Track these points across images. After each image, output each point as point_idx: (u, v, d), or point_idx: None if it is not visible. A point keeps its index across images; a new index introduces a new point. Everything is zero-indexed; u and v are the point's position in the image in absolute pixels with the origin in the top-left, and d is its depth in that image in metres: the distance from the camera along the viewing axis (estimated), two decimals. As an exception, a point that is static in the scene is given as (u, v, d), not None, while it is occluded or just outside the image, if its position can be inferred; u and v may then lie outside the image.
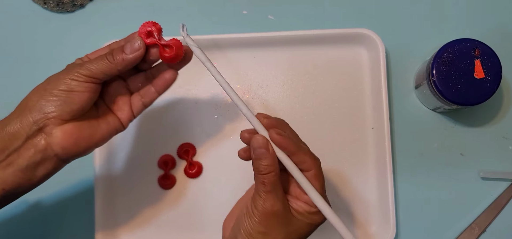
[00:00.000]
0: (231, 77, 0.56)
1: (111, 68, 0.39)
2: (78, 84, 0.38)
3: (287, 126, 0.40)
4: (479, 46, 0.48)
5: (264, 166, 0.37)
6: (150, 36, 0.40)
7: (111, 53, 0.39)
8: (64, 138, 0.38)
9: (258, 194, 0.37)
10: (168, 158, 0.55)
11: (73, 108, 0.38)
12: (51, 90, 0.38)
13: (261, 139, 0.37)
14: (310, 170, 0.38)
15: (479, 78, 0.48)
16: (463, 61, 0.48)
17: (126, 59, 0.39)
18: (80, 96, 0.38)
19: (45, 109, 0.37)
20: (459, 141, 0.55)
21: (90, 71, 0.39)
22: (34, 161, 0.38)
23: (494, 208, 0.54)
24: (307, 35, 0.55)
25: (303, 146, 0.39)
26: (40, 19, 0.59)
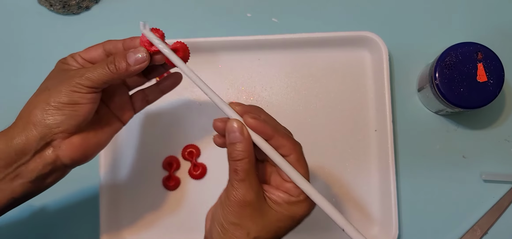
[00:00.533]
0: (235, 80, 0.57)
1: (113, 78, 0.38)
2: (81, 97, 0.37)
3: (262, 111, 0.37)
4: (481, 50, 0.49)
5: (238, 152, 0.35)
6: (153, 44, 0.39)
7: (112, 62, 0.38)
8: (73, 150, 0.38)
9: (230, 182, 0.36)
10: (172, 159, 0.55)
11: (78, 121, 0.38)
12: (54, 104, 0.37)
13: (235, 123, 0.35)
14: (290, 155, 0.35)
15: (482, 81, 0.48)
16: (466, 64, 0.49)
17: (129, 71, 0.38)
18: (84, 108, 0.38)
19: (50, 125, 0.37)
20: (461, 143, 0.55)
21: (91, 81, 0.38)
22: (43, 173, 0.38)
23: (496, 210, 0.54)
24: (311, 38, 0.55)
25: (281, 129, 0.36)
26: (46, 21, 0.59)
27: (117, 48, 0.41)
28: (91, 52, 0.41)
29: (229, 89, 0.57)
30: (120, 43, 0.41)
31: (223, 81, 0.57)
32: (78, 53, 0.41)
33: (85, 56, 0.41)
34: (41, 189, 0.40)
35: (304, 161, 0.36)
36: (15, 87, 0.58)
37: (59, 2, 0.58)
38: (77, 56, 0.41)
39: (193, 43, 0.56)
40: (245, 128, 0.35)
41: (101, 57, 0.41)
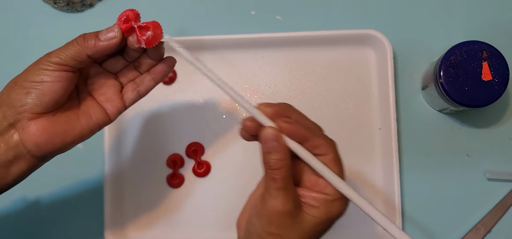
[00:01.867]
0: (239, 78, 0.57)
1: (81, 53, 0.36)
2: (48, 74, 0.36)
3: (292, 109, 0.36)
4: (486, 49, 0.49)
5: (275, 160, 0.33)
6: (127, 22, 0.37)
7: (82, 37, 0.37)
8: (37, 133, 0.36)
9: (268, 191, 0.34)
10: (176, 157, 0.55)
11: (44, 100, 0.36)
12: (21, 83, 0.36)
13: (271, 131, 0.33)
14: (326, 155, 0.34)
15: (487, 80, 0.48)
16: (471, 63, 0.49)
17: (98, 45, 0.37)
18: (51, 87, 0.36)
19: (14, 103, 0.35)
20: (465, 142, 0.55)
21: (59, 58, 0.36)
22: (6, 159, 0.36)
23: (499, 208, 0.54)
24: (315, 36, 0.55)
25: (315, 129, 0.35)
26: (50, 19, 0.59)
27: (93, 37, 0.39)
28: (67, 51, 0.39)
29: (233, 87, 0.56)
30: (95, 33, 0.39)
31: (227, 79, 0.56)
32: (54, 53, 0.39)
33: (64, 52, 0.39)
34: (7, 181, 0.37)
35: (340, 160, 0.35)
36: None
37: (63, 0, 0.58)
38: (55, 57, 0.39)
39: (197, 41, 0.56)
40: (281, 136, 0.34)
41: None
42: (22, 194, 0.56)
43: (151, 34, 0.37)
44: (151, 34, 0.37)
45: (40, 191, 0.56)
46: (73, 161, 0.55)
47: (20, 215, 0.56)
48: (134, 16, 0.38)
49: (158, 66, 0.41)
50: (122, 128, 0.56)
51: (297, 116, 0.35)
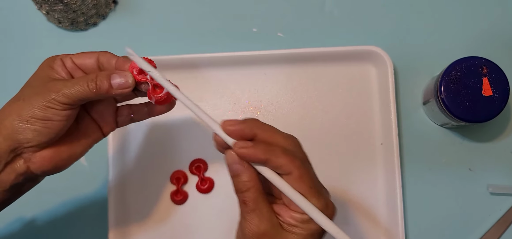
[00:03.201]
0: (241, 94, 0.57)
1: (91, 97, 0.36)
2: (55, 113, 0.35)
3: (258, 125, 0.34)
4: (486, 64, 0.49)
5: (243, 182, 0.33)
6: (142, 73, 0.37)
7: (94, 80, 0.36)
8: (43, 162, 0.37)
9: (242, 216, 0.34)
10: (180, 174, 0.55)
11: (50, 137, 0.36)
12: (26, 118, 0.35)
13: (233, 154, 0.33)
14: (290, 174, 0.33)
15: (487, 95, 0.49)
16: (471, 79, 0.49)
17: (110, 93, 0.36)
18: (58, 125, 0.36)
19: (20, 140, 0.35)
20: (467, 156, 0.55)
21: (67, 98, 0.35)
22: (17, 183, 0.37)
23: (503, 223, 0.54)
24: (317, 53, 0.56)
25: (275, 149, 0.33)
26: (55, 38, 0.60)
27: (110, 64, 0.38)
28: (83, 58, 0.39)
29: (235, 104, 0.57)
30: (114, 59, 0.38)
31: (229, 96, 0.57)
32: (70, 56, 0.39)
33: (76, 61, 0.39)
34: (21, 193, 0.39)
35: (307, 175, 0.33)
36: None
37: (67, 19, 0.58)
38: (68, 59, 0.39)
39: (199, 58, 0.56)
40: None
41: (93, 66, 0.39)
42: (24, 206, 0.56)
43: (164, 95, 0.38)
44: (165, 95, 0.38)
45: (43, 205, 0.56)
46: (77, 177, 0.56)
47: (22, 227, 0.56)
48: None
49: (157, 107, 0.41)
50: (126, 146, 0.56)
51: (262, 133, 0.34)
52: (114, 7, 0.61)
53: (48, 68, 0.38)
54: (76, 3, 0.57)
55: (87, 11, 0.58)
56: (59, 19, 0.58)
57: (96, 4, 0.58)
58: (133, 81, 0.37)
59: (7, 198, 0.38)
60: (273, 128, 0.35)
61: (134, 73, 0.37)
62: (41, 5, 0.57)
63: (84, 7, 0.58)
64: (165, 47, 0.59)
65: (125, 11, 0.61)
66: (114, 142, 0.55)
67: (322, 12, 0.59)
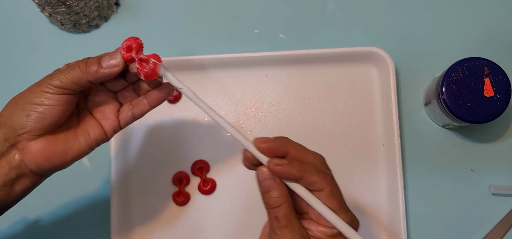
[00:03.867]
0: (243, 95, 0.57)
1: (82, 78, 0.37)
2: (49, 97, 0.36)
3: (289, 143, 0.35)
4: (488, 65, 0.49)
5: (274, 198, 0.34)
6: (129, 51, 0.38)
7: (84, 62, 0.37)
8: (37, 153, 0.36)
9: (273, 231, 0.34)
10: (182, 175, 0.55)
11: (44, 123, 0.36)
12: (22, 105, 0.36)
13: (265, 171, 0.34)
14: (322, 190, 0.34)
15: (489, 96, 0.49)
16: (473, 79, 0.49)
17: (99, 72, 0.37)
18: (52, 110, 0.36)
19: (15, 126, 0.36)
20: (469, 157, 0.55)
21: (60, 81, 0.36)
22: (10, 178, 0.36)
23: (505, 223, 0.54)
24: (318, 54, 0.56)
25: (308, 166, 0.34)
26: (57, 40, 0.60)
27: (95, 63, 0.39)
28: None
29: (237, 105, 0.57)
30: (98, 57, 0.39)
31: (231, 97, 0.57)
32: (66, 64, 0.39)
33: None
34: (12, 198, 0.38)
35: (337, 191, 0.35)
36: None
37: (70, 21, 0.59)
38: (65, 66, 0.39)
39: (201, 60, 0.57)
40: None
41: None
42: (27, 208, 0.56)
43: (150, 68, 0.38)
44: (151, 68, 0.38)
45: (46, 206, 0.56)
46: (80, 178, 0.56)
47: (25, 229, 0.56)
48: (137, 46, 0.38)
49: (154, 92, 0.41)
50: (128, 147, 0.56)
51: (294, 151, 0.35)
52: (116, 9, 0.61)
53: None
54: (79, 5, 0.57)
55: (90, 13, 0.58)
56: (62, 21, 0.59)
57: (98, 6, 0.59)
58: (122, 60, 0.37)
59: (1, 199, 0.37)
60: (303, 146, 0.36)
61: (122, 53, 0.37)
62: (43, 7, 0.57)
63: (86, 9, 0.58)
64: (166, 48, 0.59)
65: (127, 13, 0.61)
66: (116, 143, 0.55)
67: (324, 14, 0.59)
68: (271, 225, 0.34)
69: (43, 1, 0.56)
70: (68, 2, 0.56)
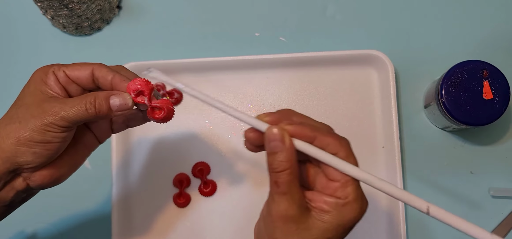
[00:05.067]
0: (244, 98, 0.58)
1: (91, 119, 0.36)
2: (54, 136, 0.35)
3: (294, 113, 0.34)
4: (487, 68, 0.50)
5: (279, 162, 0.32)
6: (140, 95, 0.37)
7: (93, 103, 0.35)
8: (43, 180, 0.36)
9: (271, 196, 0.33)
10: (183, 177, 0.56)
11: (49, 158, 0.36)
12: (24, 142, 0.34)
13: (276, 131, 0.32)
14: (338, 153, 0.32)
15: (488, 99, 0.49)
16: (472, 82, 0.49)
17: (109, 115, 0.36)
18: (55, 146, 0.35)
19: (20, 162, 0.35)
20: (469, 159, 0.56)
21: (66, 122, 0.35)
22: (17, 198, 0.37)
23: (504, 226, 0.54)
24: (318, 57, 0.56)
25: (321, 127, 0.33)
26: (60, 42, 0.61)
27: (106, 80, 0.37)
28: (77, 70, 0.37)
29: (238, 107, 0.58)
30: (110, 76, 0.37)
31: (232, 100, 0.58)
32: (63, 68, 0.37)
33: (70, 73, 0.37)
34: (15, 207, 0.39)
35: (353, 156, 0.33)
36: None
37: (72, 24, 0.59)
38: (61, 71, 0.37)
39: (202, 62, 0.57)
40: (287, 135, 0.32)
41: (87, 79, 0.37)
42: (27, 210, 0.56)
43: (163, 116, 0.38)
44: (164, 116, 0.38)
45: (46, 208, 0.57)
46: (82, 181, 0.56)
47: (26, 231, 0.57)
48: (149, 92, 0.37)
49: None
50: (129, 149, 0.57)
51: (299, 118, 0.34)
52: (118, 12, 0.62)
53: (41, 83, 0.37)
54: (81, 8, 0.57)
55: (92, 16, 0.59)
56: (64, 24, 0.59)
57: (100, 9, 0.59)
58: (132, 103, 0.36)
59: (4, 212, 0.38)
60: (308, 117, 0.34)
61: (133, 96, 0.36)
62: (46, 10, 0.58)
63: (88, 12, 0.58)
64: (168, 51, 0.60)
65: (128, 16, 0.62)
66: (117, 146, 0.56)
67: (324, 17, 0.60)
68: (270, 191, 0.33)
69: (46, 4, 0.56)
70: (70, 5, 0.57)
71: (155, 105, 0.37)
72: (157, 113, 0.37)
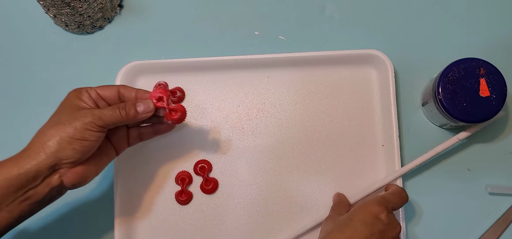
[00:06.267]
0: (245, 97, 0.58)
1: (122, 121, 0.45)
2: (91, 134, 0.43)
3: None
4: (484, 65, 0.50)
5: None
6: (160, 101, 0.46)
7: (124, 108, 0.45)
8: (76, 177, 0.43)
9: None
10: (185, 174, 0.56)
11: (85, 155, 0.43)
12: (67, 139, 0.42)
13: None
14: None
15: (485, 96, 0.50)
16: (469, 80, 0.50)
17: (137, 117, 0.45)
18: (91, 144, 0.43)
19: (61, 157, 0.42)
20: (466, 157, 0.56)
21: (103, 122, 0.43)
22: (49, 196, 0.43)
23: (501, 223, 0.55)
24: (319, 56, 0.57)
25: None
26: (62, 40, 0.61)
27: (130, 95, 0.47)
28: (106, 90, 0.46)
29: (239, 106, 0.58)
30: (134, 92, 0.47)
31: (233, 98, 0.58)
32: (94, 88, 0.46)
33: (100, 92, 0.46)
34: (43, 206, 0.44)
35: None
36: (31, 103, 0.60)
37: (74, 22, 0.59)
38: (93, 91, 0.46)
39: (204, 62, 0.57)
40: None
41: (114, 97, 0.47)
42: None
43: (178, 117, 0.47)
44: (179, 117, 0.47)
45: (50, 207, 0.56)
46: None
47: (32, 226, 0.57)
48: (167, 97, 0.47)
49: (163, 126, 0.52)
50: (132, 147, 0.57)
51: None
52: (120, 11, 0.62)
53: (77, 99, 0.45)
54: (83, 6, 0.58)
55: (94, 14, 0.59)
56: (66, 22, 0.59)
57: (102, 7, 0.59)
58: (154, 107, 0.46)
59: (34, 209, 0.43)
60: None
61: (154, 101, 0.46)
62: (48, 8, 0.58)
63: (90, 11, 0.59)
64: (169, 50, 0.60)
65: (130, 14, 0.62)
66: (119, 143, 0.56)
67: (323, 16, 0.61)
68: None
69: (48, 3, 0.57)
70: (73, 3, 0.57)
71: (172, 108, 0.47)
72: (173, 114, 0.47)
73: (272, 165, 0.56)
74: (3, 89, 0.60)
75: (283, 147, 0.57)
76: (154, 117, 0.48)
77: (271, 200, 0.56)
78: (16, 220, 0.42)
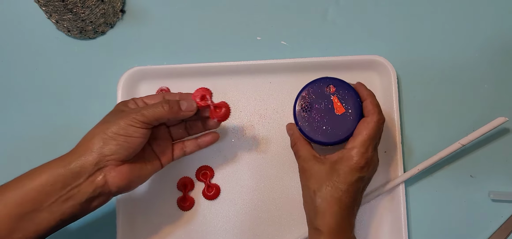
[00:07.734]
0: (247, 102, 0.58)
1: (165, 116, 0.45)
2: (135, 130, 0.43)
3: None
4: (332, 82, 0.48)
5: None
6: (203, 100, 0.47)
7: (167, 103, 0.45)
8: (120, 178, 0.43)
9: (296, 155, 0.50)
10: (187, 180, 0.56)
11: (129, 151, 0.43)
12: (112, 135, 0.43)
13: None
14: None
15: (341, 113, 0.48)
16: (321, 101, 0.48)
17: (180, 114, 0.46)
18: (135, 141, 0.43)
19: (105, 152, 0.42)
20: (469, 163, 0.56)
21: (145, 117, 0.44)
22: (92, 196, 0.43)
23: (504, 229, 0.55)
24: (321, 62, 0.57)
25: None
26: (64, 46, 0.61)
27: (174, 98, 0.48)
28: (152, 98, 0.48)
29: (241, 111, 0.58)
30: (177, 95, 0.49)
31: (235, 104, 0.58)
32: (140, 98, 0.48)
33: (146, 101, 0.48)
34: (86, 211, 0.44)
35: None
36: (34, 108, 0.60)
37: (76, 28, 0.59)
38: (139, 100, 0.48)
39: (206, 67, 0.57)
40: None
41: None
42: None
43: (223, 113, 0.48)
44: (224, 113, 0.48)
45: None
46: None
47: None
48: (210, 95, 0.48)
49: (207, 137, 0.51)
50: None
51: None
52: (122, 16, 0.62)
53: (123, 106, 0.47)
54: (85, 12, 0.58)
55: (96, 20, 0.59)
56: (68, 27, 0.60)
57: (104, 13, 0.59)
58: (196, 106, 0.47)
59: (76, 213, 0.43)
60: None
61: (198, 101, 0.47)
62: (51, 14, 0.58)
63: (92, 16, 0.59)
64: (171, 56, 0.60)
65: (132, 20, 0.62)
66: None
67: (325, 21, 0.60)
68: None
69: (51, 8, 0.57)
70: (75, 9, 0.57)
71: (216, 105, 0.48)
72: (218, 111, 0.48)
73: (274, 171, 0.56)
74: (5, 94, 0.60)
75: (286, 153, 0.57)
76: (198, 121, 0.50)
77: (273, 206, 0.56)
78: (57, 223, 0.42)
